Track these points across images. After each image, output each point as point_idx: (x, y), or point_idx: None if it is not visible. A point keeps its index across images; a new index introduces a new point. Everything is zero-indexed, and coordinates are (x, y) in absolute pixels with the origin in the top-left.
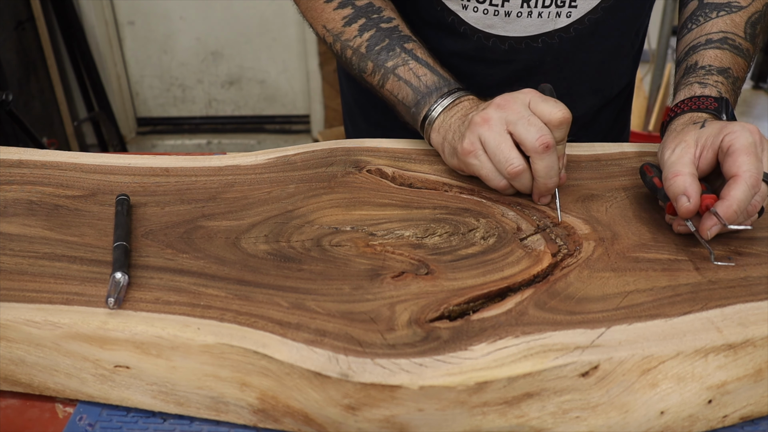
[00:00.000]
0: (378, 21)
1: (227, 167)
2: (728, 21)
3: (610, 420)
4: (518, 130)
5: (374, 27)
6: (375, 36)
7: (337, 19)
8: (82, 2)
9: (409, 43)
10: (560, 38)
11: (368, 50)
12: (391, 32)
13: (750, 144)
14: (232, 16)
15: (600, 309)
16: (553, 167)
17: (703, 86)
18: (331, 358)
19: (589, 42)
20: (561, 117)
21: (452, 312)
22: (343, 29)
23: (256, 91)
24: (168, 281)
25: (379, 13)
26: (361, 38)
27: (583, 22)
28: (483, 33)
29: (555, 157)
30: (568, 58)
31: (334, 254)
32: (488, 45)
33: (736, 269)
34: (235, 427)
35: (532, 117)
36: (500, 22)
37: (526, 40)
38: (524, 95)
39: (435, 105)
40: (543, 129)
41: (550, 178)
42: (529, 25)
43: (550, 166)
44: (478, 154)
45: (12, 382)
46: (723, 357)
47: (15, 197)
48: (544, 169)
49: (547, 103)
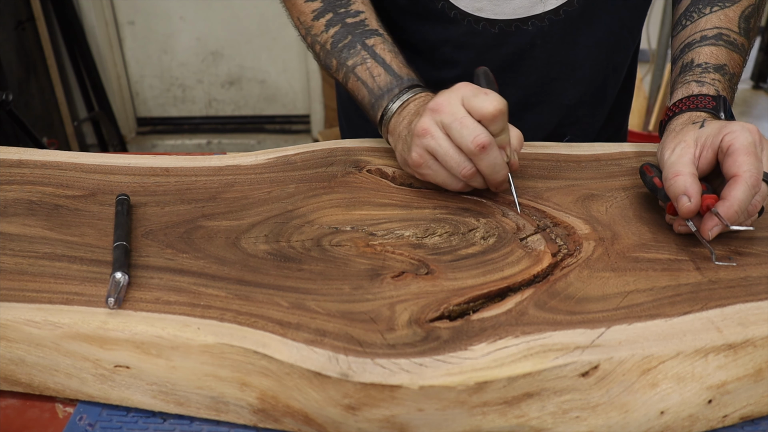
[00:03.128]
0: (344, 16)
1: (227, 167)
2: (722, 16)
3: (610, 420)
4: (453, 134)
5: (340, 22)
6: (339, 32)
7: (307, 12)
8: (82, 2)
9: (371, 39)
10: (550, 21)
11: (333, 47)
12: (355, 27)
13: (750, 144)
14: (232, 16)
15: (600, 309)
16: (495, 163)
17: (701, 85)
18: (331, 358)
19: (579, 25)
20: (492, 110)
21: (452, 312)
22: (313, 23)
23: (256, 91)
24: (168, 281)
25: (346, 7)
26: (327, 34)
27: (573, 3)
28: (473, 17)
29: (495, 152)
30: (559, 43)
31: (334, 254)
32: (478, 29)
33: (736, 269)
34: (235, 427)
35: (465, 117)
36: (489, 5)
37: (516, 22)
38: (457, 92)
39: (388, 108)
40: (476, 128)
41: (496, 173)
42: (519, 6)
43: (492, 162)
44: (429, 164)
45: (12, 382)
46: (723, 357)
47: (15, 197)
48: (487, 168)
49: (478, 98)
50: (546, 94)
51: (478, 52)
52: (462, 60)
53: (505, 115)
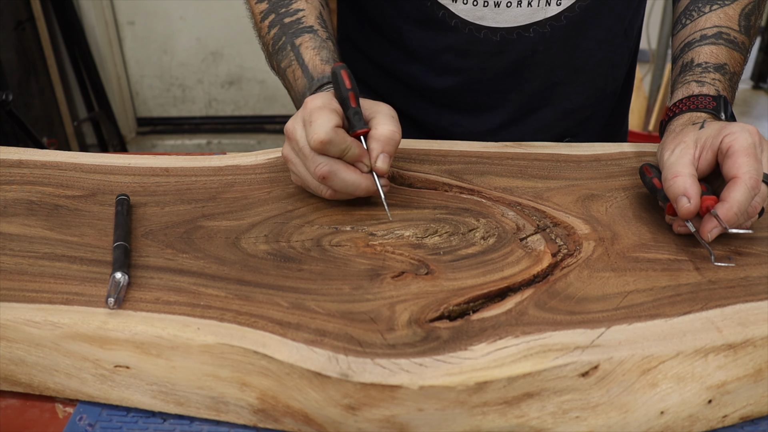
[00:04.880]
0: (283, 16)
1: (227, 167)
2: (721, 15)
3: (610, 420)
4: (299, 168)
5: (279, 23)
6: (277, 33)
7: (257, 14)
8: (82, 2)
9: (299, 37)
10: (552, 27)
11: (272, 48)
12: (289, 27)
13: (749, 145)
14: (232, 16)
15: (600, 309)
16: (347, 184)
17: (701, 85)
18: (331, 358)
19: (581, 31)
20: (315, 144)
21: (452, 312)
22: (261, 25)
23: (256, 91)
24: (168, 281)
25: (287, 7)
26: (269, 35)
27: (574, 9)
28: (474, 25)
29: (341, 175)
30: (561, 49)
31: (334, 254)
32: (480, 37)
33: (736, 269)
34: (235, 427)
35: (305, 147)
36: (490, 13)
37: (517, 30)
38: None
39: None
40: (315, 159)
41: (353, 191)
42: (519, 14)
43: (343, 185)
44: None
45: (12, 382)
46: (723, 357)
47: (15, 197)
48: (341, 189)
49: (307, 128)
50: (549, 99)
51: (480, 59)
52: (464, 67)
53: (334, 140)
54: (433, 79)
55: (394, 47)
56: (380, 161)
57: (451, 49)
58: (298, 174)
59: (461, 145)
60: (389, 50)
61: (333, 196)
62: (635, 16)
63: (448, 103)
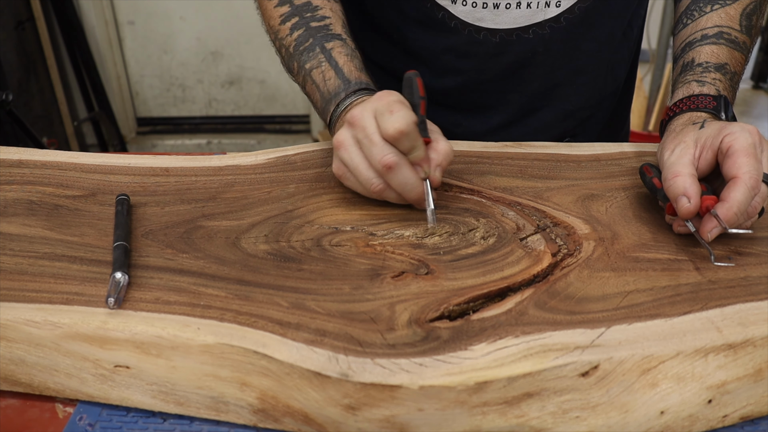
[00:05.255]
0: (309, 20)
1: (227, 167)
2: (723, 14)
3: (610, 420)
4: (364, 151)
5: (304, 26)
6: (302, 35)
7: (276, 17)
8: (82, 2)
9: (330, 42)
10: (551, 28)
11: (295, 50)
12: (318, 31)
13: (749, 145)
14: (232, 16)
15: (600, 309)
16: (406, 182)
17: (701, 84)
18: (331, 358)
19: (580, 32)
20: (393, 132)
21: (452, 312)
22: (279, 27)
23: (256, 91)
24: (168, 281)
25: (313, 12)
26: (291, 37)
27: (573, 11)
28: (473, 27)
29: (405, 171)
30: (561, 50)
31: (334, 254)
32: (479, 39)
33: (736, 269)
34: (235, 427)
35: (375, 134)
36: (490, 15)
37: (516, 31)
38: (372, 104)
39: (333, 113)
40: (384, 148)
41: (408, 191)
42: (519, 16)
43: (402, 182)
44: (346, 176)
45: (12, 382)
46: (723, 357)
47: (15, 197)
48: (398, 186)
49: (383, 117)
50: (549, 100)
51: (480, 60)
52: (464, 68)
53: (411, 134)
54: (433, 79)
55: (395, 48)
56: (438, 172)
57: (451, 50)
58: (351, 162)
59: (461, 145)
60: (390, 51)
61: (382, 192)
62: (635, 16)
63: (449, 104)
